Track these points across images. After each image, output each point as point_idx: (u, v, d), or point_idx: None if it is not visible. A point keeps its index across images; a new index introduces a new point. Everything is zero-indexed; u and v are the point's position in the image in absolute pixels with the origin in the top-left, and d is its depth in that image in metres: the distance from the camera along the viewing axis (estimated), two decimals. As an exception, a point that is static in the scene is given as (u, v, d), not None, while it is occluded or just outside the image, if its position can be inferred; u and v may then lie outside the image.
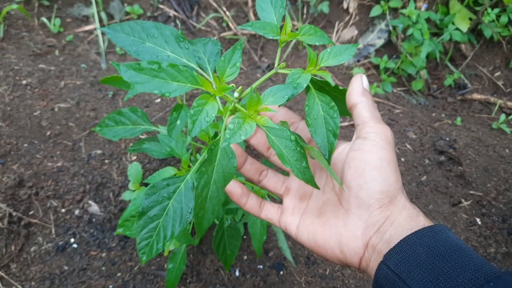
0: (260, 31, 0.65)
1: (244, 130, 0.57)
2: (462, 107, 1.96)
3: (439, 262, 0.45)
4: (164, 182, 0.72)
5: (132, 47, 0.69)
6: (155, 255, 0.70)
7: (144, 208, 0.70)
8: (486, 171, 1.60)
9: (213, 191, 0.66)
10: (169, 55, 0.71)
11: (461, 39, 1.95)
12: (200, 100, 0.59)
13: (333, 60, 0.67)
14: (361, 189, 0.53)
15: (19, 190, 1.38)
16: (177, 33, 0.73)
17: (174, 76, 0.59)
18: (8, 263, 1.25)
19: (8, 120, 1.55)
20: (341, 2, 2.16)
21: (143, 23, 0.71)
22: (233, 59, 0.64)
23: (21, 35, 1.94)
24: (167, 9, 2.14)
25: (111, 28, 0.70)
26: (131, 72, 0.58)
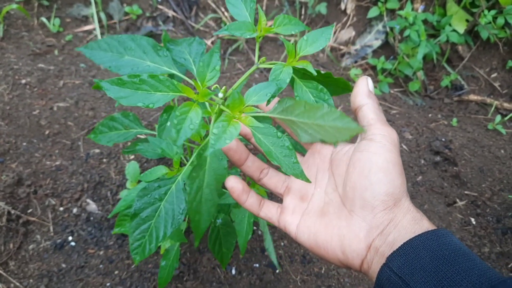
0: (237, 32, 0.66)
1: (229, 133, 0.57)
2: (458, 108, 1.97)
3: (443, 266, 0.45)
4: (156, 184, 0.73)
5: (112, 63, 0.70)
6: (147, 255, 0.72)
7: (136, 210, 0.71)
8: (481, 172, 1.61)
9: (206, 194, 0.67)
10: (149, 65, 0.72)
11: (458, 41, 1.96)
12: (183, 108, 0.60)
13: (311, 47, 0.67)
14: (366, 190, 0.53)
15: (17, 188, 1.40)
16: (153, 42, 0.74)
17: (155, 87, 0.60)
18: (7, 260, 1.26)
19: (7, 119, 1.56)
20: (339, 3, 2.18)
21: (118, 37, 0.72)
22: (212, 63, 0.64)
23: (21, 35, 1.95)
24: (166, 9, 2.15)
25: (88, 47, 0.70)
26: (114, 87, 0.59)
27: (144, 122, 1.62)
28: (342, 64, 2.10)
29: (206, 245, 1.35)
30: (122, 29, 2.08)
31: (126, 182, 1.44)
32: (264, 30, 0.69)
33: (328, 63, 2.09)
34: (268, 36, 2.14)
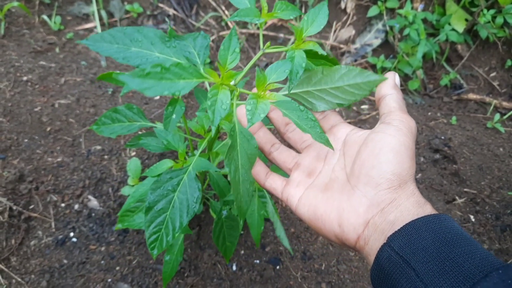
0: (246, 18, 0.67)
1: (261, 108, 0.60)
2: (457, 106, 1.98)
3: (445, 247, 0.45)
4: (167, 175, 0.73)
5: (119, 54, 0.69)
6: (165, 247, 0.72)
7: (151, 203, 0.71)
8: (480, 169, 1.62)
9: (243, 175, 0.67)
10: (158, 56, 0.72)
11: (457, 40, 1.97)
12: (212, 90, 0.61)
13: (313, 27, 0.69)
14: (373, 168, 0.53)
15: (19, 184, 1.40)
16: (161, 34, 0.74)
17: (179, 75, 0.60)
18: (8, 256, 1.27)
19: (9, 115, 1.57)
20: (339, 2, 2.19)
21: (124, 29, 0.71)
22: (231, 45, 0.66)
23: (22, 33, 1.96)
24: (167, 8, 2.16)
25: (91, 39, 0.70)
26: (136, 80, 0.58)
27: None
28: (342, 63, 2.11)
29: (207, 241, 1.36)
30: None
31: (127, 179, 1.44)
32: (268, 16, 0.71)
33: (328, 61, 2.10)
34: (268, 34, 2.15)
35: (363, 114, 1.84)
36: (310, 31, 0.69)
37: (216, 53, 2.04)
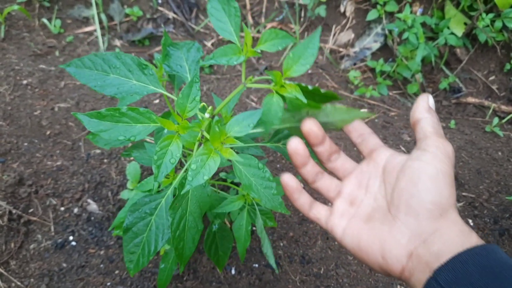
0: (223, 59, 0.63)
1: (208, 167, 0.57)
2: (456, 110, 1.99)
3: (493, 282, 0.44)
4: (146, 198, 0.73)
5: (97, 82, 0.69)
6: (141, 268, 0.73)
7: (128, 225, 0.72)
8: (479, 173, 1.63)
9: (190, 222, 0.67)
10: (135, 84, 0.71)
11: (456, 44, 1.98)
12: (163, 142, 0.59)
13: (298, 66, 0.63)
14: (412, 197, 0.52)
15: (19, 188, 1.41)
16: (138, 61, 0.73)
17: (136, 119, 0.60)
18: (8, 260, 1.27)
19: (9, 119, 1.57)
20: (338, 6, 2.19)
21: (103, 55, 0.71)
22: (191, 94, 0.63)
23: (22, 36, 1.96)
24: (166, 11, 2.16)
25: (73, 64, 0.69)
26: (93, 121, 0.58)
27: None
28: (341, 66, 2.11)
29: (206, 245, 1.36)
30: (122, 31, 2.09)
31: (126, 183, 1.45)
32: (250, 52, 0.66)
33: (327, 65, 2.11)
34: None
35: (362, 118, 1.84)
36: (294, 70, 0.63)
37: (216, 57, 2.04)
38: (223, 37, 0.68)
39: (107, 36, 2.05)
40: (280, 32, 0.67)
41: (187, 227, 0.67)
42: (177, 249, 0.67)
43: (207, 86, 1.87)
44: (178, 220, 0.65)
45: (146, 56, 1.99)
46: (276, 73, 0.63)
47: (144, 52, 2.02)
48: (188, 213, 0.67)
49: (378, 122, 1.82)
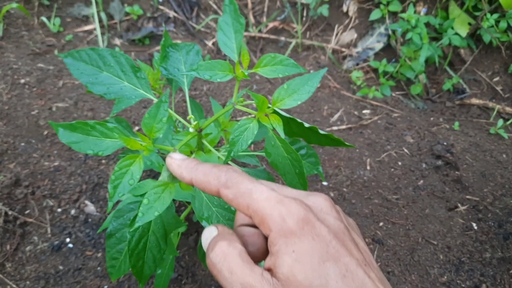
0: (206, 74, 0.60)
1: (162, 201, 0.54)
2: (460, 111, 1.96)
3: None
4: (130, 205, 0.72)
5: (89, 78, 0.68)
6: (122, 274, 0.71)
7: (112, 231, 0.71)
8: (483, 176, 1.60)
9: (152, 242, 0.65)
10: (125, 85, 0.70)
11: (460, 44, 1.95)
12: (124, 161, 0.57)
13: (290, 100, 0.60)
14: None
15: (15, 189, 1.38)
16: (132, 62, 0.72)
17: (105, 134, 0.58)
18: (3, 262, 1.25)
19: (6, 118, 1.55)
20: (341, 6, 2.17)
21: (99, 51, 0.70)
22: (159, 114, 0.61)
23: (21, 34, 1.94)
24: (167, 10, 2.14)
25: (71, 55, 0.69)
26: (66, 132, 0.57)
27: (137, 127, 1.61)
28: (344, 67, 2.09)
29: (205, 248, 1.34)
30: (122, 29, 2.07)
31: (124, 184, 1.43)
32: (241, 74, 0.63)
33: (330, 65, 2.08)
34: (269, 37, 2.13)
35: (365, 119, 1.82)
36: (285, 103, 0.60)
37: (216, 57, 2.02)
38: (224, 52, 0.66)
39: (107, 35, 2.03)
40: (284, 58, 0.63)
41: (148, 247, 0.65)
42: (135, 267, 0.65)
43: (207, 86, 1.84)
44: (138, 239, 0.64)
45: (146, 55, 1.97)
46: (261, 99, 0.60)
47: (144, 51, 2.00)
48: (150, 232, 0.65)
49: (380, 124, 1.80)
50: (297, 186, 0.67)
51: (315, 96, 1.90)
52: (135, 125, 1.61)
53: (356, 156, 1.64)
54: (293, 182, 0.66)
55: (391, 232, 1.43)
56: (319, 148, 1.64)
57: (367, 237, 1.41)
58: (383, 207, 1.49)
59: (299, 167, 0.64)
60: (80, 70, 0.68)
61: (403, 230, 1.44)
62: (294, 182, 0.66)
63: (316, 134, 0.68)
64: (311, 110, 1.82)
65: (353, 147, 0.68)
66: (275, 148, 0.65)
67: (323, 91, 1.94)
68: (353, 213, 1.46)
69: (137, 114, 1.66)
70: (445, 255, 1.39)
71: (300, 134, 0.73)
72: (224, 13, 0.70)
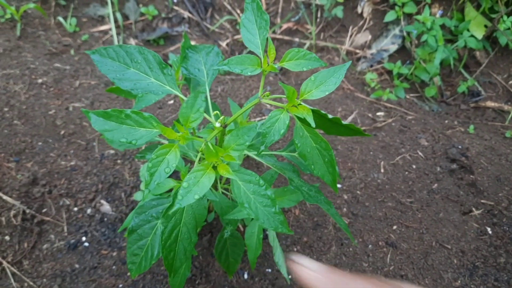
0: (237, 68, 0.62)
1: (201, 185, 0.55)
2: (475, 114, 1.95)
3: None
4: (153, 201, 0.73)
5: (116, 74, 0.69)
6: (143, 271, 0.72)
7: (134, 226, 0.72)
8: (498, 180, 1.59)
9: (183, 233, 0.66)
10: (152, 82, 0.71)
11: (476, 46, 1.94)
12: (160, 150, 0.58)
13: (318, 91, 0.63)
14: None
15: (33, 188, 1.40)
16: (159, 59, 0.73)
17: (140, 123, 0.59)
18: (21, 259, 1.27)
19: (24, 118, 1.58)
20: (356, 7, 2.16)
21: (126, 48, 0.71)
22: (196, 104, 0.62)
23: (38, 34, 1.97)
24: (182, 10, 2.15)
25: (98, 52, 0.70)
26: (99, 120, 0.58)
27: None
28: (358, 68, 2.08)
29: (219, 249, 1.34)
30: (137, 30, 2.08)
31: (140, 184, 1.44)
32: (269, 67, 0.65)
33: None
34: (283, 38, 2.13)
35: (379, 121, 1.81)
36: (312, 94, 0.63)
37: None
38: (249, 48, 0.67)
39: (122, 35, 2.04)
40: (308, 53, 0.65)
41: (180, 238, 0.66)
42: (167, 259, 0.66)
43: (222, 87, 1.85)
44: (171, 230, 0.64)
45: (161, 56, 1.98)
46: (292, 91, 0.62)
47: (158, 51, 2.01)
48: (182, 223, 0.66)
49: (395, 126, 1.79)
50: (326, 175, 0.68)
51: (328, 97, 1.90)
52: (150, 125, 1.62)
53: (370, 159, 1.63)
54: (322, 171, 0.67)
55: (404, 236, 1.43)
56: (333, 150, 1.64)
57: (380, 240, 1.41)
58: (397, 210, 1.49)
59: (328, 156, 0.65)
60: (108, 67, 0.69)
61: (417, 233, 1.43)
62: (323, 171, 0.67)
63: (337, 125, 0.69)
64: (325, 112, 1.82)
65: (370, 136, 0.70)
66: (303, 139, 0.66)
67: (336, 93, 1.94)
68: (367, 216, 1.46)
69: (153, 114, 1.67)
70: (459, 260, 1.38)
71: (321, 125, 0.75)
72: (246, 11, 0.71)
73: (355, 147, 1.67)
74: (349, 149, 1.66)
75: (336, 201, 1.49)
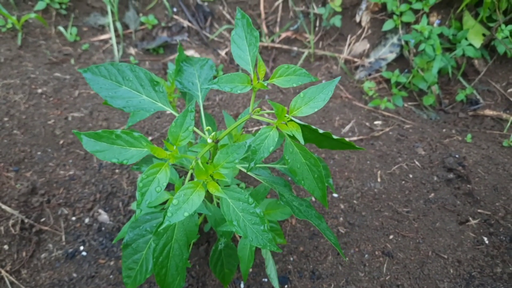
0: (227, 86, 0.63)
1: (191, 202, 0.56)
2: (473, 123, 1.95)
3: None
4: (147, 216, 0.74)
5: (108, 92, 0.70)
6: (138, 284, 0.73)
7: (128, 241, 0.73)
8: (495, 190, 1.59)
9: (175, 250, 0.67)
10: (144, 99, 0.72)
11: (474, 55, 1.94)
12: (151, 169, 0.59)
13: (307, 107, 0.64)
14: None
15: (31, 197, 1.42)
16: (150, 77, 0.74)
17: (130, 143, 0.60)
18: (19, 268, 1.28)
19: (23, 128, 1.59)
20: (354, 16, 2.17)
21: (118, 66, 0.72)
22: (185, 123, 0.63)
23: (38, 43, 1.99)
24: (181, 19, 2.17)
25: (90, 70, 0.71)
26: (91, 141, 0.59)
27: (157, 133, 1.63)
28: (356, 77, 2.09)
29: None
30: (137, 39, 2.10)
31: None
32: (259, 85, 0.66)
33: (342, 75, 2.09)
34: (282, 47, 2.14)
35: (376, 130, 1.82)
36: (302, 111, 0.64)
37: (229, 66, 2.04)
38: (239, 64, 0.68)
39: (122, 44, 2.06)
40: (298, 68, 0.66)
41: (171, 255, 0.67)
42: (159, 276, 0.67)
43: (220, 96, 1.86)
44: (162, 247, 0.66)
45: (160, 65, 2.00)
46: (280, 108, 0.63)
47: (158, 60, 2.03)
48: (173, 240, 0.67)
49: (392, 135, 1.80)
50: (316, 190, 0.69)
51: (326, 106, 1.91)
52: (148, 135, 1.63)
53: (367, 168, 1.64)
54: (311, 186, 0.68)
55: (401, 245, 1.43)
56: (330, 160, 1.65)
57: (377, 249, 1.41)
58: (393, 219, 1.49)
59: (317, 172, 0.66)
60: (100, 85, 0.70)
61: (413, 243, 1.44)
62: (312, 186, 0.68)
63: (328, 139, 0.70)
64: (323, 121, 1.83)
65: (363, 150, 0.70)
66: (293, 155, 0.67)
67: (334, 102, 1.95)
68: (363, 225, 1.47)
69: (151, 125, 1.69)
70: (456, 269, 1.38)
71: (313, 139, 0.76)
72: (237, 27, 0.72)
73: (352, 156, 1.68)
74: (346, 158, 1.67)
75: (332, 210, 1.50)
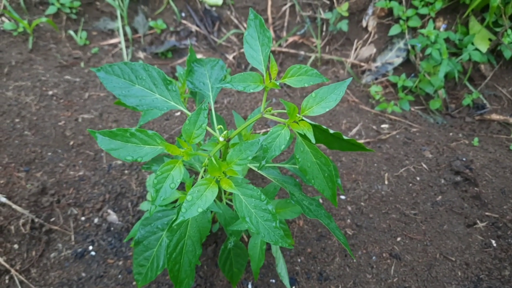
0: (240, 85, 0.64)
1: (204, 199, 0.57)
2: (480, 127, 1.95)
3: None
4: (158, 213, 0.75)
5: (121, 91, 0.71)
6: (149, 281, 0.74)
7: (140, 238, 0.74)
8: (503, 193, 1.59)
9: (188, 246, 0.68)
10: (157, 97, 0.73)
11: (481, 59, 1.95)
12: (165, 166, 0.60)
13: (319, 107, 0.65)
14: None
15: (41, 197, 1.43)
16: (163, 76, 0.75)
17: (145, 141, 0.61)
18: (29, 267, 1.29)
19: (34, 129, 1.61)
20: (360, 21, 2.19)
21: (131, 65, 0.73)
22: (198, 121, 0.64)
23: (49, 47, 2.01)
24: (190, 24, 2.19)
25: (104, 69, 0.72)
26: (106, 139, 0.60)
27: (166, 135, 1.65)
28: (363, 81, 2.10)
29: (223, 259, 1.36)
30: (146, 43, 2.12)
31: (146, 194, 1.46)
32: (271, 84, 0.67)
33: (349, 79, 2.10)
34: (289, 52, 2.16)
35: (383, 133, 1.83)
36: (313, 111, 0.65)
37: (237, 71, 2.06)
38: (251, 64, 0.69)
39: (131, 48, 2.09)
40: (310, 69, 0.67)
41: (185, 251, 0.68)
42: (172, 271, 0.68)
43: (228, 99, 1.88)
44: (176, 243, 0.66)
45: (169, 69, 2.02)
46: (292, 107, 0.64)
47: (166, 64, 2.05)
48: (187, 236, 0.68)
49: (399, 138, 1.80)
50: (326, 189, 0.69)
51: (333, 110, 1.92)
52: (157, 136, 1.64)
53: (374, 171, 1.64)
54: (321, 185, 0.69)
55: (408, 248, 1.43)
56: (337, 162, 1.66)
57: (384, 251, 1.41)
58: (401, 222, 1.50)
59: (328, 171, 0.67)
60: (113, 84, 0.71)
61: (421, 245, 1.44)
62: (322, 185, 0.69)
63: (338, 140, 0.71)
64: (330, 124, 1.84)
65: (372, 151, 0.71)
66: (304, 154, 0.67)
67: (341, 105, 1.96)
68: (371, 227, 1.47)
69: (160, 126, 1.70)
70: (463, 272, 1.38)
71: (323, 140, 0.76)
72: (249, 27, 0.73)
73: (360, 159, 1.68)
74: (353, 160, 1.68)
75: (340, 212, 1.50)
